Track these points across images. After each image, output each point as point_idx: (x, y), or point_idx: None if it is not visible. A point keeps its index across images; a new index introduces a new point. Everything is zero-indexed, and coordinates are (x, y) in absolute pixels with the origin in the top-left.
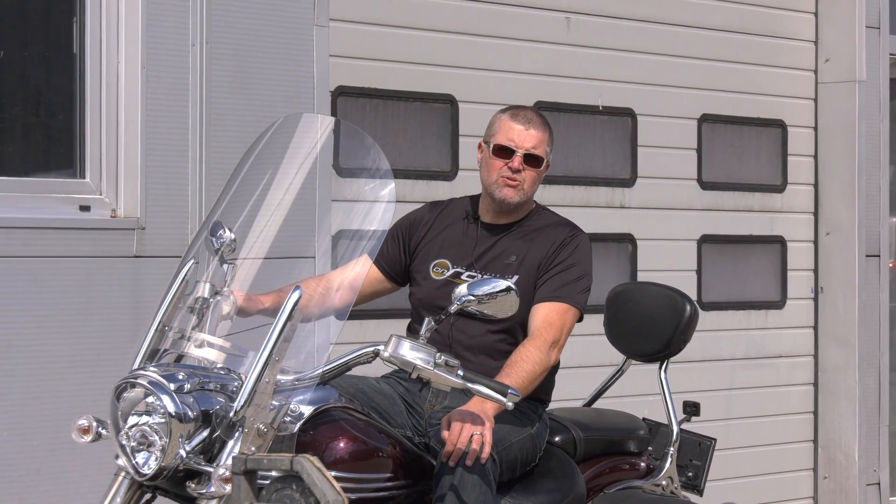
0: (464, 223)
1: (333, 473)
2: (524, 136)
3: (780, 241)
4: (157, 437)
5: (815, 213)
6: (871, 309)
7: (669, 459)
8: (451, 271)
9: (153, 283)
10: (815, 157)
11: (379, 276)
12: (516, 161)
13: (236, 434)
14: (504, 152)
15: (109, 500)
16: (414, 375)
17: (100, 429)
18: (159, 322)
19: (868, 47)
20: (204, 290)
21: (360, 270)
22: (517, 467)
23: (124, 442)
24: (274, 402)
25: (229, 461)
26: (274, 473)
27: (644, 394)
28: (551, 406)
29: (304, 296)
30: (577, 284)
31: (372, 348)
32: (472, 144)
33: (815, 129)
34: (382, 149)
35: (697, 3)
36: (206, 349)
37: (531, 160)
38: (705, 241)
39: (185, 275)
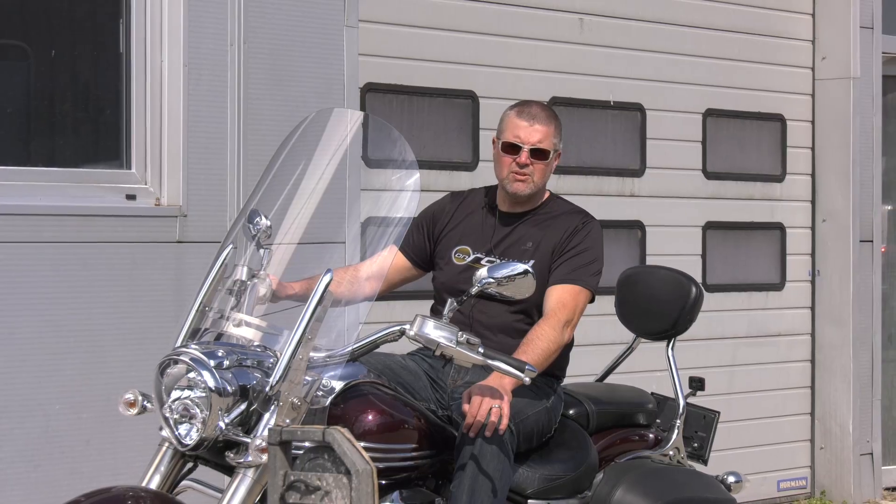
0: (483, 212)
1: (362, 444)
2: (529, 132)
3: (779, 228)
4: (198, 410)
5: (813, 202)
6: (865, 291)
7: (676, 431)
8: (472, 257)
9: (194, 267)
10: (813, 149)
11: (406, 264)
12: (523, 156)
13: (272, 407)
14: (512, 149)
15: (154, 469)
16: (437, 353)
17: (145, 402)
18: (200, 303)
19: (862, 46)
20: (242, 273)
21: (387, 257)
22: (533, 438)
23: (168, 414)
24: (307, 378)
25: (265, 433)
26: (307, 444)
27: (652, 370)
28: (565, 381)
29: (334, 283)
30: (589, 268)
31: (398, 327)
32: (492, 137)
33: (813, 122)
34: (408, 141)
35: (703, 4)
36: (244, 328)
37: (537, 154)
38: (709, 227)
39: (225, 259)
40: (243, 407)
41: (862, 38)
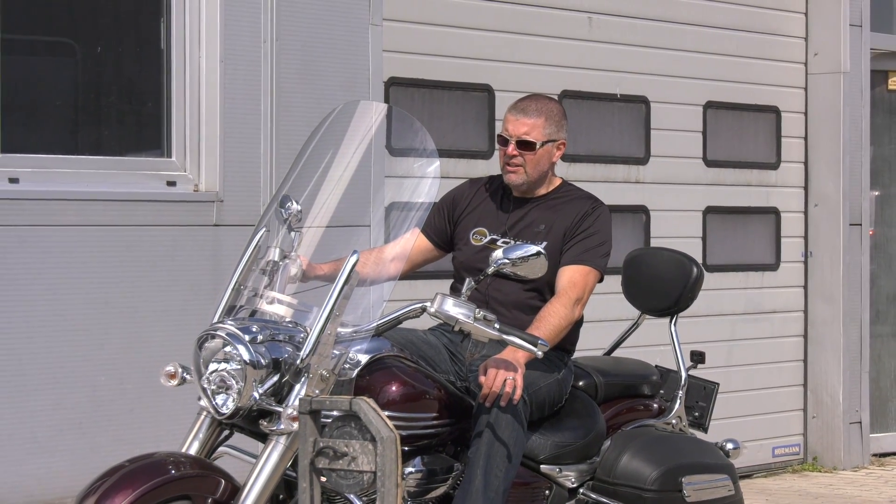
0: (499, 197)
1: (386, 413)
2: (516, 125)
3: (774, 212)
4: (234, 382)
5: (805, 188)
6: (854, 271)
7: (678, 401)
8: (488, 238)
9: (230, 249)
10: (805, 138)
11: (428, 245)
12: (510, 148)
13: (302, 379)
14: (502, 141)
15: (193, 436)
16: (456, 328)
17: (184, 374)
18: (236, 282)
19: (852, 43)
20: (274, 254)
21: (410, 239)
22: (545, 408)
23: (206, 385)
24: (335, 352)
25: (296, 402)
26: (335, 413)
27: (656, 344)
28: (575, 355)
29: (360, 263)
30: (598, 249)
31: (420, 305)
32: None
33: (805, 114)
34: (428, 132)
35: (703, 4)
36: (276, 305)
37: (524, 145)
38: (709, 211)
39: (258, 241)
40: (276, 378)
41: (851, 36)
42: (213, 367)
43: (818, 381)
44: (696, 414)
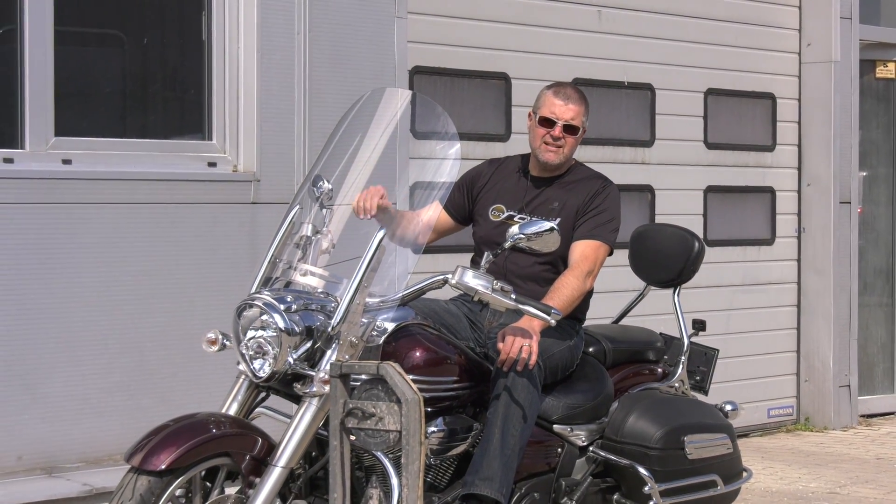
0: (517, 176)
1: (411, 377)
2: (563, 110)
3: (770, 191)
4: (270, 348)
5: (799, 168)
6: (843, 245)
7: (681, 366)
8: (506, 214)
9: (266, 225)
10: (799, 122)
11: (448, 219)
12: (557, 130)
13: (333, 345)
14: (547, 123)
15: (232, 398)
16: (476, 298)
17: (224, 341)
18: (271, 255)
19: (842, 34)
20: (307, 229)
21: (433, 213)
22: (558, 372)
23: (244, 351)
24: (363, 320)
25: (328, 367)
26: (363, 377)
27: (660, 313)
28: (586, 323)
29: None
30: (608, 225)
31: (442, 276)
32: (522, 113)
33: (799, 100)
34: (450, 116)
35: None
36: (309, 277)
37: (569, 129)
38: (710, 190)
39: (292, 218)
40: (309, 345)
41: (842, 27)
42: (250, 334)
43: (810, 347)
44: (698, 378)
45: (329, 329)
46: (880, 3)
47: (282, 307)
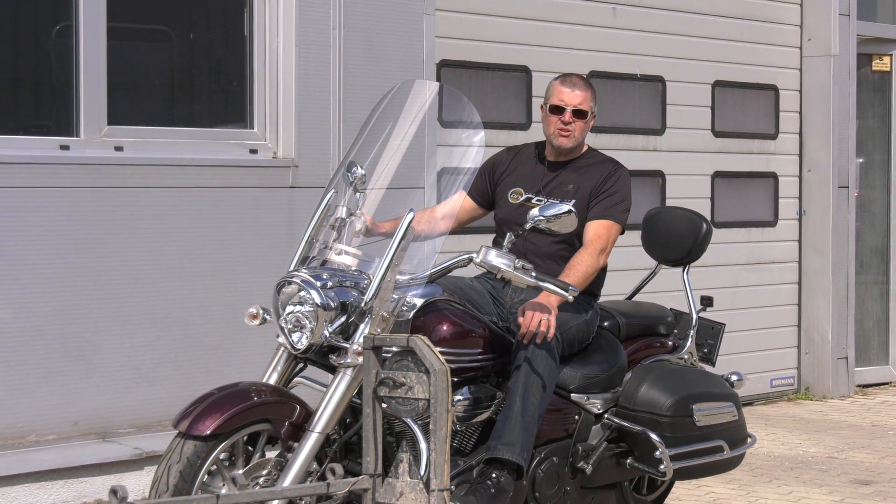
0: (534, 161)
1: (438, 349)
2: (571, 97)
3: (773, 176)
4: (307, 322)
5: (800, 155)
6: (842, 227)
7: (690, 339)
8: (524, 197)
9: (304, 208)
10: (800, 112)
11: (473, 206)
12: (566, 115)
13: (366, 319)
14: (557, 110)
15: (272, 369)
16: (498, 276)
17: (265, 315)
18: (308, 236)
19: (840, 30)
20: (342, 212)
21: (458, 200)
22: (575, 345)
23: (283, 325)
24: (394, 296)
25: (361, 340)
26: (394, 349)
27: (671, 290)
28: (601, 299)
29: (416, 221)
30: (620, 206)
31: (467, 256)
32: (540, 104)
33: (800, 91)
34: (474, 106)
35: None
36: (344, 256)
37: (577, 113)
38: (717, 175)
39: (328, 201)
40: (343, 319)
41: (840, 23)
42: (289, 309)
43: (810, 322)
44: (705, 350)
45: (362, 304)
46: (876, 0)
47: (318, 284)
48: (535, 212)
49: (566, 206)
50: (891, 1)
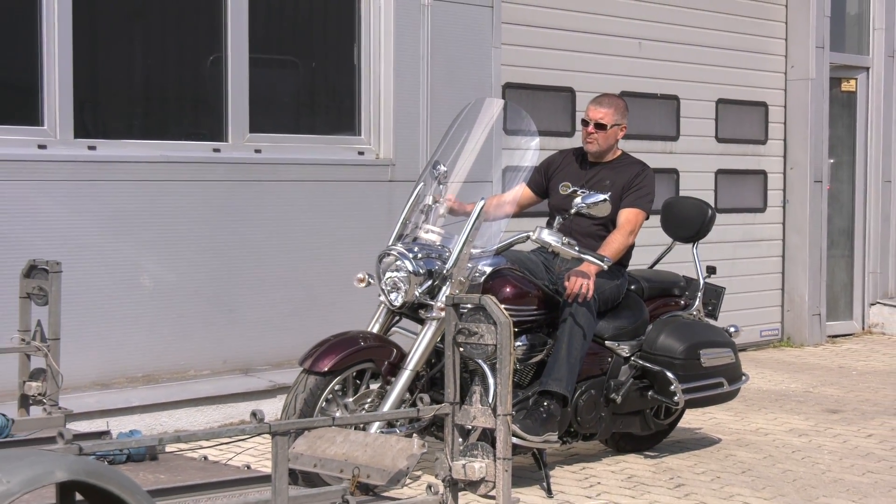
0: (579, 161)
1: (503, 306)
2: (594, 113)
3: (763, 173)
4: (402, 285)
5: (784, 156)
6: (816, 213)
7: (698, 300)
8: (571, 189)
9: (399, 197)
10: (785, 123)
11: (530, 195)
12: (590, 127)
13: (448, 283)
14: (584, 123)
15: (375, 321)
16: (550, 250)
17: (370, 279)
18: (403, 218)
19: (817, 59)
20: (429, 200)
21: (518, 191)
22: (609, 303)
23: (383, 287)
24: (469, 265)
25: (444, 298)
26: (469, 306)
27: (683, 261)
28: (629, 268)
29: (487, 205)
30: (646, 198)
31: (525, 234)
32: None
33: (785, 107)
34: (532, 118)
35: (717, 33)
36: (430, 234)
37: (599, 126)
38: (720, 173)
39: (418, 191)
40: (430, 282)
41: (817, 54)
42: (388, 275)
43: (791, 286)
44: (710, 308)
45: (444, 271)
46: (845, 35)
47: (410, 255)
48: (578, 200)
49: (602, 196)
50: (857, 35)
